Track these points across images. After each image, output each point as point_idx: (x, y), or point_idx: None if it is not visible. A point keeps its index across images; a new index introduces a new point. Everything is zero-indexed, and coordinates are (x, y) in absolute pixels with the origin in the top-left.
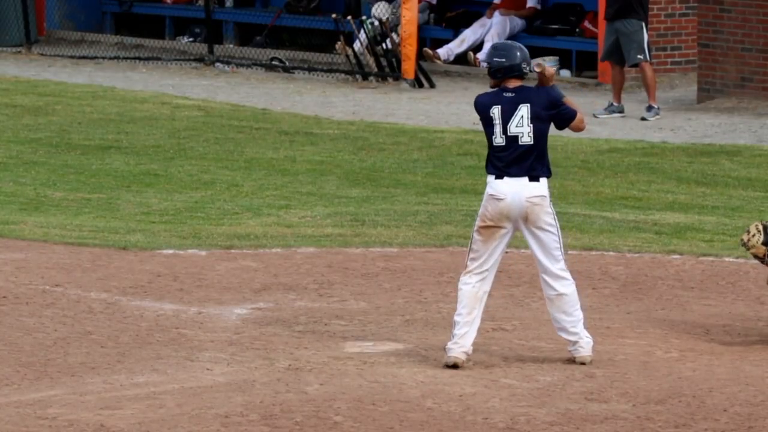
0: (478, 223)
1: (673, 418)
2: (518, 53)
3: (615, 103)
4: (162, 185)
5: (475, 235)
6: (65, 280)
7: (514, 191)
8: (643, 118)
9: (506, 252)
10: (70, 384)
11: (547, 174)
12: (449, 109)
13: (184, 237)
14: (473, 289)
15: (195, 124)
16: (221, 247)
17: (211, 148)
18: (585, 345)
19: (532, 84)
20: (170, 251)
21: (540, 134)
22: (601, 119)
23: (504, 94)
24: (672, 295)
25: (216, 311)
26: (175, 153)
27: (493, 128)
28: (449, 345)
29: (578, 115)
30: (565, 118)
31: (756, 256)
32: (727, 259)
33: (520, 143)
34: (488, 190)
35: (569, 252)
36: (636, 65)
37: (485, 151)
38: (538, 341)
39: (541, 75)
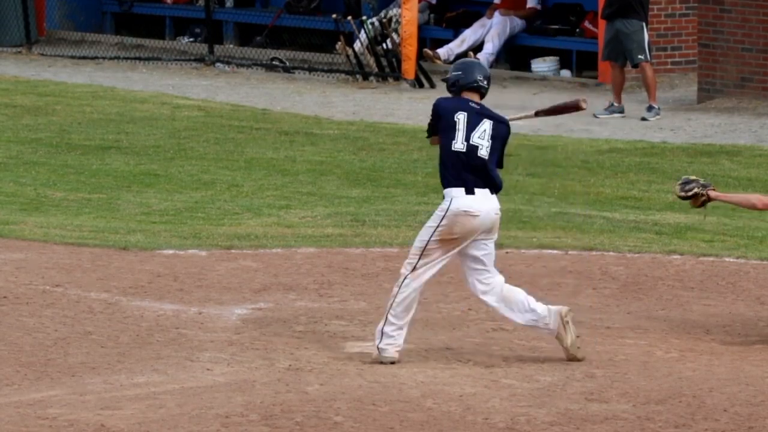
0: (435, 236)
1: (673, 418)
2: (477, 71)
3: (615, 104)
4: (162, 185)
5: (431, 244)
6: (65, 280)
7: (486, 207)
8: (643, 118)
9: (507, 252)
10: (70, 384)
11: (498, 189)
12: None
13: (184, 237)
14: (418, 295)
15: (195, 124)
16: (221, 247)
17: (211, 148)
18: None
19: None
20: (170, 251)
21: (492, 152)
22: (601, 119)
23: (470, 103)
24: (672, 295)
25: (216, 311)
26: (175, 153)
27: (454, 133)
28: (381, 345)
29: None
30: (499, 157)
31: (703, 198)
32: (727, 259)
33: (478, 154)
34: (457, 205)
35: (570, 252)
36: (637, 65)
37: None
38: (538, 341)
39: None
